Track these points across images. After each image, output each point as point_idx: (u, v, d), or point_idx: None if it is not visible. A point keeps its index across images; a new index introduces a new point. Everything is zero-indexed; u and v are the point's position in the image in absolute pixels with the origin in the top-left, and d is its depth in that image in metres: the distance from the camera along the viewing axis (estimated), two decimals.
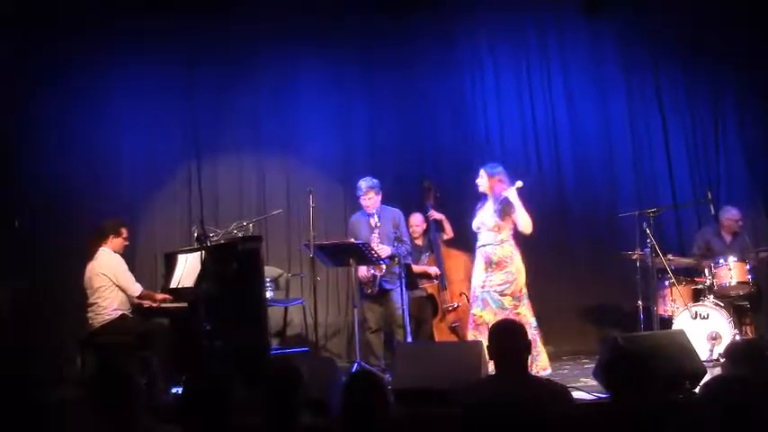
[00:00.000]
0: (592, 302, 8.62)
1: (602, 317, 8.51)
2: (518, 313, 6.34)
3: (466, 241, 7.33)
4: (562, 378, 6.52)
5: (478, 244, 6.58)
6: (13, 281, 7.40)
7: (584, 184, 8.96)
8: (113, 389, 3.40)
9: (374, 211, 7.06)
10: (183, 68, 8.65)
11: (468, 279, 6.84)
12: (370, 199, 7.04)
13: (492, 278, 6.43)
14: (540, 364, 6.31)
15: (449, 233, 7.91)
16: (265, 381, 3.55)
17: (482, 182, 6.61)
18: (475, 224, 6.62)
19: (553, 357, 7.92)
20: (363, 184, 7.08)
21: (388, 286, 6.99)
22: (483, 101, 9.05)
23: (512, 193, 6.45)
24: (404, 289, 6.88)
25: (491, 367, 4.83)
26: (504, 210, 6.47)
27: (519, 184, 6.49)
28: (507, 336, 3.69)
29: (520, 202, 6.47)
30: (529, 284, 6.55)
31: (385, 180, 7.44)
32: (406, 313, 6.94)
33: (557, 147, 9.02)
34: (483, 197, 6.67)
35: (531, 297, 6.52)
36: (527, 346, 3.70)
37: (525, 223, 6.48)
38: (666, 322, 7.39)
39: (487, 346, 3.80)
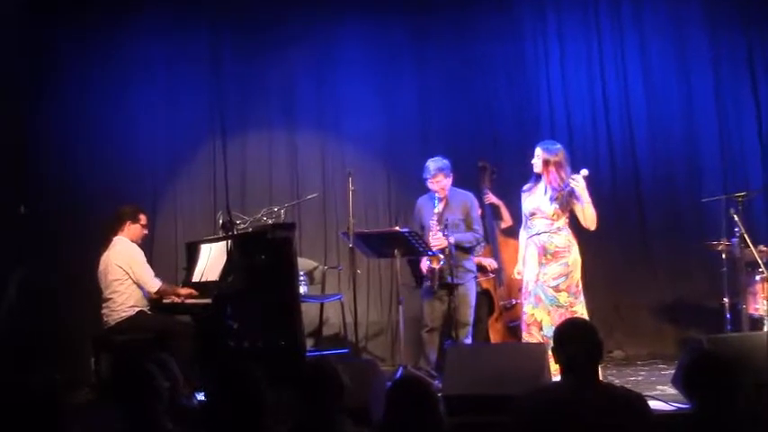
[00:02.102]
0: (671, 299, 8.50)
1: (683, 316, 8.38)
2: (574, 311, 6.30)
3: None
4: (636, 385, 6.44)
5: (531, 232, 6.54)
6: (19, 272, 7.49)
7: (662, 164, 8.80)
8: (135, 391, 3.43)
9: (443, 194, 7.00)
10: (206, 34, 8.70)
11: None
12: (439, 182, 6.96)
13: (546, 271, 6.40)
14: None
15: (507, 220, 7.84)
16: (299, 386, 3.55)
17: (537, 162, 6.54)
18: (527, 209, 6.56)
19: (626, 362, 7.89)
20: (432, 165, 6.99)
21: (452, 280, 6.94)
22: (546, 71, 8.94)
23: (580, 184, 6.36)
24: (473, 283, 6.85)
25: (556, 373, 4.79)
26: (568, 202, 6.41)
27: (585, 172, 6.40)
28: (577, 336, 3.63)
29: (587, 195, 6.39)
30: (587, 279, 6.51)
31: None
32: (473, 310, 6.94)
33: (630, 122, 8.87)
34: (533, 177, 6.62)
35: (600, 292, 6.46)
36: (599, 350, 3.64)
37: (591, 219, 6.43)
38: (757, 322, 7.26)
39: (552, 349, 3.75)
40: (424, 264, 6.98)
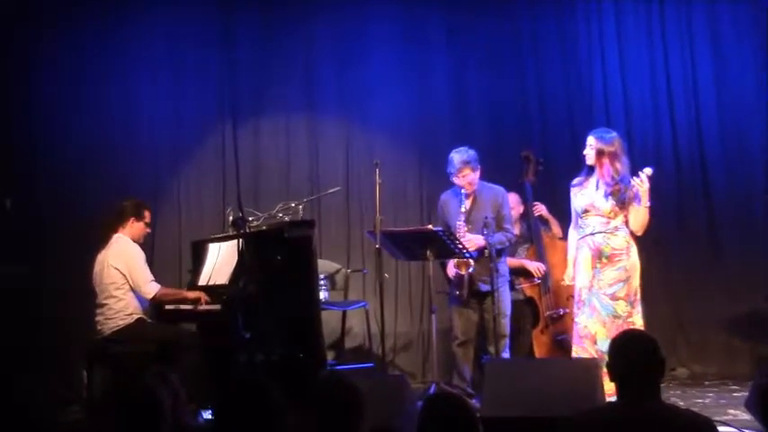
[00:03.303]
0: (744, 311, 8.42)
1: (758, 330, 8.28)
2: (631, 323, 6.27)
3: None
4: (704, 409, 6.43)
5: (584, 232, 6.50)
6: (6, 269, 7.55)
7: (735, 160, 8.74)
8: (133, 409, 3.42)
9: (470, 190, 6.98)
10: (215, 9, 8.72)
11: None
12: (465, 177, 6.93)
13: (601, 276, 6.36)
14: None
15: (556, 234, 7.80)
16: (319, 404, 3.53)
17: (590, 153, 6.50)
18: (579, 206, 6.52)
19: (692, 381, 7.83)
20: (456, 158, 6.95)
21: (484, 288, 6.92)
22: (601, 50, 8.92)
23: (644, 186, 6.30)
24: (507, 290, 6.82)
25: (611, 392, 4.75)
26: (628, 202, 6.37)
27: (648, 171, 6.33)
28: (636, 351, 3.60)
29: (648, 198, 6.34)
30: (644, 286, 6.47)
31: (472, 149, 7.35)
32: (508, 320, 6.93)
33: (697, 108, 8.82)
34: (584, 170, 6.58)
35: (660, 302, 6.42)
36: (661, 367, 3.61)
37: (642, 223, 6.40)
38: None
39: (607, 365, 3.72)
40: (451, 270, 6.96)
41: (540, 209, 7.78)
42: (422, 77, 8.90)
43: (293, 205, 7.38)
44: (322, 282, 7.47)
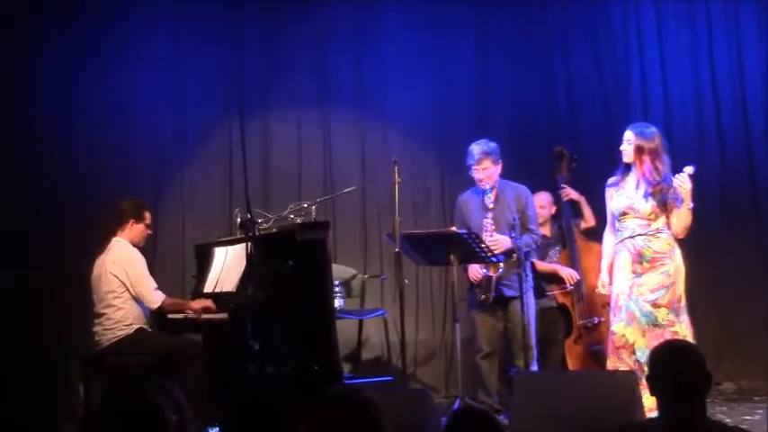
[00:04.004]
0: None
1: None
2: (674, 332, 6.23)
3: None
4: (753, 426, 6.43)
5: (622, 235, 6.47)
6: None
7: None
8: (134, 426, 3.41)
9: (490, 186, 6.96)
10: None
11: None
12: (486, 170, 6.94)
13: (642, 282, 6.33)
14: None
15: (589, 220, 7.80)
16: (334, 421, 3.52)
17: (627, 149, 6.47)
18: (616, 207, 6.49)
19: (740, 396, 7.79)
20: (476, 149, 6.97)
21: (509, 293, 6.91)
22: (638, 37, 8.90)
23: (686, 186, 6.27)
24: (532, 296, 6.79)
25: (652, 408, 4.72)
26: (670, 203, 6.34)
27: (690, 169, 6.29)
28: (679, 363, 3.57)
29: (691, 199, 6.31)
30: (689, 292, 6.43)
31: (499, 146, 7.33)
32: (534, 330, 6.88)
33: (744, 101, 8.80)
34: (620, 168, 6.56)
35: (705, 311, 6.38)
36: (707, 380, 3.58)
37: (684, 225, 6.37)
38: None
39: (647, 378, 3.69)
40: (476, 272, 6.93)
41: (569, 192, 7.75)
42: (443, 68, 8.90)
43: (305, 206, 7.38)
44: (337, 288, 7.47)
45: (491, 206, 6.88)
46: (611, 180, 6.60)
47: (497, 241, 6.76)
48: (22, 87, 8.31)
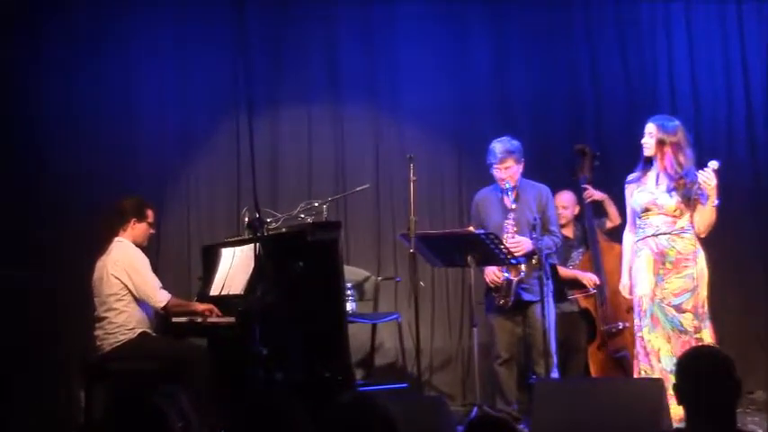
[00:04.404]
0: None
1: None
2: (699, 339, 6.22)
3: None
4: None
5: (644, 233, 6.45)
6: None
7: None
8: None
9: (511, 186, 6.95)
10: None
11: None
12: (508, 169, 6.92)
13: (666, 285, 6.32)
14: None
15: (614, 219, 7.76)
16: (346, 429, 3.52)
17: (649, 143, 6.46)
18: (638, 204, 6.47)
19: None
20: (498, 146, 6.95)
21: (528, 297, 6.90)
22: (666, 30, 8.90)
23: (712, 181, 6.26)
24: (551, 301, 6.79)
25: (679, 418, 4.71)
26: (694, 199, 6.32)
27: (714, 164, 6.29)
28: (707, 371, 3.57)
29: (716, 196, 6.29)
30: (713, 298, 6.43)
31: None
32: (553, 335, 6.87)
33: None
34: (641, 163, 6.56)
35: (732, 315, 6.36)
36: (737, 389, 3.57)
37: (708, 223, 6.36)
38: None
39: (674, 386, 3.69)
40: (494, 275, 6.90)
41: (591, 193, 7.73)
42: (460, 62, 8.90)
43: (316, 205, 7.39)
44: (349, 291, 7.50)
45: (513, 206, 6.87)
46: (631, 176, 6.59)
47: (519, 243, 6.74)
48: (22, 85, 8.33)
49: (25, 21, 8.29)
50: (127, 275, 6.69)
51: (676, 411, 5.15)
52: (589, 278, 7.51)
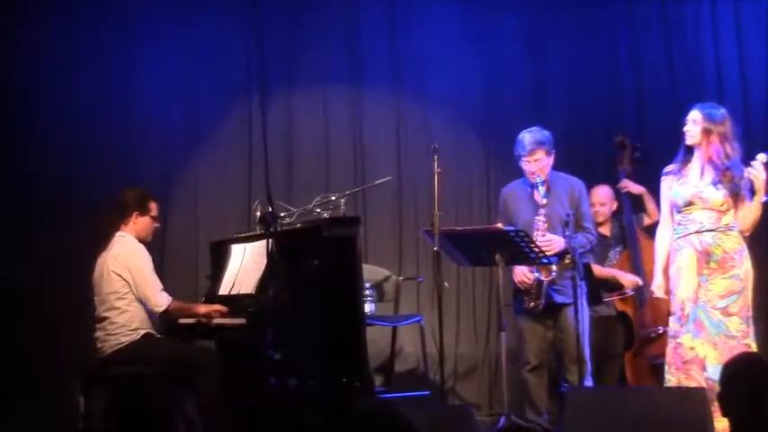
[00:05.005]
0: None
1: None
2: (746, 345, 6.20)
3: None
4: None
5: (686, 230, 6.42)
6: None
7: None
8: None
9: (542, 180, 6.94)
10: None
11: None
12: (538, 162, 6.91)
13: (710, 286, 6.30)
14: None
15: (653, 215, 7.71)
16: None
17: (693, 130, 6.43)
18: (681, 197, 6.43)
19: None
20: (528, 137, 6.94)
21: (560, 299, 6.90)
22: (712, 13, 8.87)
23: (760, 176, 6.24)
24: (585, 303, 6.78)
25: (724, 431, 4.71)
26: (739, 193, 6.30)
27: (763, 157, 6.28)
28: (754, 380, 3.56)
29: (764, 191, 6.27)
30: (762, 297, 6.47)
31: (551, 134, 7.26)
32: (587, 341, 6.86)
33: None
34: (680, 153, 6.54)
35: None
36: None
37: (753, 221, 6.35)
38: None
39: (719, 396, 3.68)
40: (523, 276, 6.89)
41: (628, 184, 7.72)
42: (491, 45, 8.90)
43: (333, 199, 7.36)
44: (368, 291, 7.48)
45: (544, 202, 6.84)
46: (668, 167, 6.56)
47: (551, 241, 6.72)
48: (21, 71, 8.36)
49: (26, 8, 8.32)
50: (128, 272, 6.67)
51: (721, 424, 5.14)
52: (630, 279, 7.49)
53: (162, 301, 6.71)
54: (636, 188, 7.75)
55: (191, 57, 8.69)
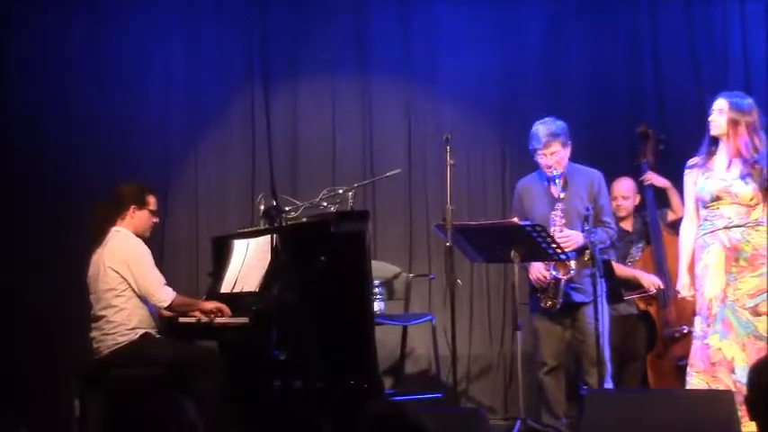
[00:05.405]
0: None
1: None
2: None
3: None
4: None
5: (713, 225, 6.41)
6: None
7: None
8: None
9: (559, 173, 6.93)
10: None
11: None
12: (554, 154, 6.90)
13: (739, 285, 6.29)
14: None
15: (678, 210, 7.68)
16: None
17: (719, 120, 6.42)
18: (708, 191, 6.41)
19: None
20: (542, 129, 6.93)
21: (579, 298, 6.90)
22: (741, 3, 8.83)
23: None
24: (605, 302, 6.76)
25: None
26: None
27: None
28: None
29: None
30: None
31: (571, 124, 7.29)
32: (607, 341, 6.85)
33: None
34: (704, 145, 6.52)
35: None
36: None
37: None
38: None
39: (746, 398, 3.68)
40: (540, 273, 6.89)
41: (652, 177, 7.70)
42: (506, 30, 8.89)
43: (341, 192, 7.37)
44: (377, 289, 7.48)
45: (562, 196, 6.83)
46: (692, 160, 6.55)
47: (569, 237, 6.72)
48: (19, 55, 8.39)
49: None
50: (126, 267, 6.66)
51: (749, 429, 5.13)
52: (651, 281, 7.47)
53: (166, 295, 6.70)
54: (661, 181, 7.73)
55: (192, 46, 8.69)
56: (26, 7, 8.36)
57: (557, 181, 6.84)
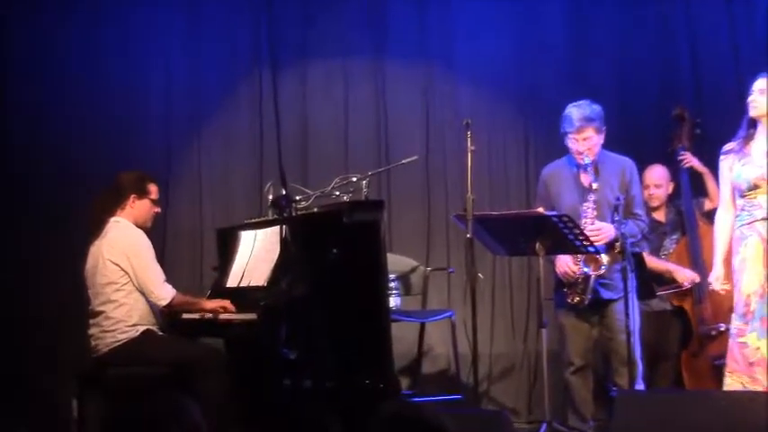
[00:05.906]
0: None
1: None
2: None
3: None
4: None
5: (750, 216, 6.38)
6: None
7: None
8: None
9: (590, 160, 6.89)
10: None
11: None
12: (587, 140, 6.85)
13: None
14: None
15: (714, 199, 7.64)
16: None
17: (759, 101, 6.37)
18: (744, 179, 6.39)
19: None
20: (576, 113, 6.88)
21: (607, 294, 6.87)
22: None
23: None
24: (635, 298, 6.76)
25: None
26: None
27: None
28: None
29: None
30: None
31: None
32: (638, 339, 6.83)
33: None
34: (741, 128, 6.48)
35: None
36: None
37: None
38: None
39: None
40: (568, 267, 6.86)
41: (690, 158, 7.68)
42: (529, 9, 8.89)
43: (354, 180, 7.36)
44: (393, 284, 7.50)
45: (594, 186, 6.77)
46: (728, 146, 6.52)
47: (600, 230, 6.67)
48: (17, 41, 8.43)
49: None
50: (126, 259, 6.66)
51: None
52: (687, 275, 7.45)
53: (165, 293, 6.69)
54: (698, 165, 7.68)
55: (196, 29, 8.75)
56: (26, 7, 8.41)
57: (588, 170, 6.80)
